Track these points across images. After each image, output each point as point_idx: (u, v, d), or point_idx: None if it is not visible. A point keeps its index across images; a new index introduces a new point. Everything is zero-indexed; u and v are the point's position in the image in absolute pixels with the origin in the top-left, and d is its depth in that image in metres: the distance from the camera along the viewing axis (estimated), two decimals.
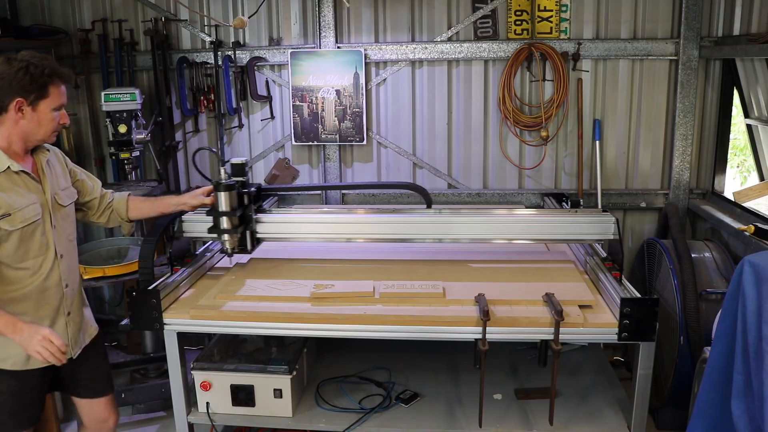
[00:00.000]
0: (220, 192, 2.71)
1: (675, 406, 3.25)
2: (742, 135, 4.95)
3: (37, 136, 2.20)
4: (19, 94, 2.08)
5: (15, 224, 2.14)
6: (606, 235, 2.83)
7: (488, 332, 2.32)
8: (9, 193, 2.14)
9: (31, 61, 2.09)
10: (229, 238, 2.79)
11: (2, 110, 2.10)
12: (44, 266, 2.26)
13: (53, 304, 2.32)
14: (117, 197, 2.63)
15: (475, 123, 4.07)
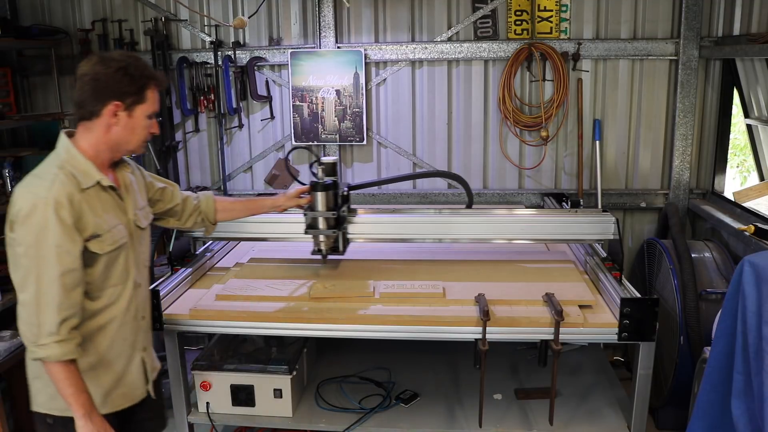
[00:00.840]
0: (318, 192, 2.65)
1: (675, 406, 3.25)
2: (742, 135, 4.95)
3: (128, 145, 1.96)
4: (117, 97, 1.86)
5: (104, 247, 1.88)
6: (606, 235, 2.83)
7: (488, 332, 2.32)
8: (98, 212, 1.89)
9: (130, 62, 1.89)
10: (326, 239, 2.72)
11: (94, 114, 1.86)
12: (123, 296, 1.99)
13: (129, 340, 2.04)
14: (203, 199, 2.44)
15: (475, 123, 4.07)
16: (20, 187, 1.83)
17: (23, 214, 1.76)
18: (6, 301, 3.67)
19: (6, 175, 3.80)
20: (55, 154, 1.89)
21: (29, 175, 1.87)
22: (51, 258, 1.75)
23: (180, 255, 2.97)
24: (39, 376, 1.92)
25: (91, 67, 1.86)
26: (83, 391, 1.83)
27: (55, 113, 4.13)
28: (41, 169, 1.87)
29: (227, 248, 3.35)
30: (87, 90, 1.85)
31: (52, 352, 1.76)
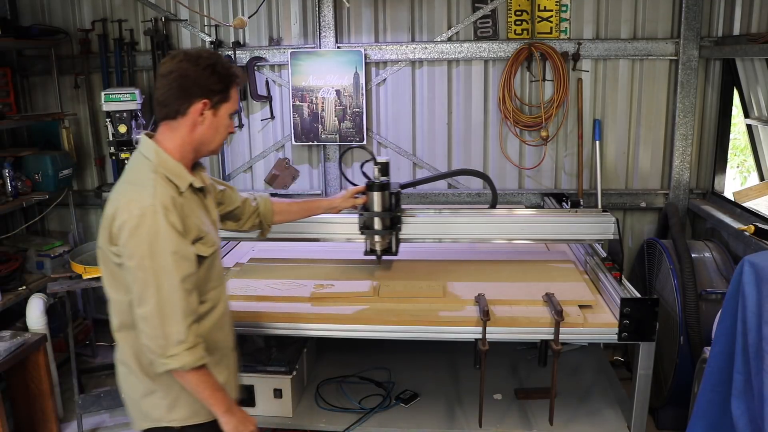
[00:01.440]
0: (374, 192, 2.61)
1: (675, 406, 3.24)
2: (742, 135, 4.95)
3: (210, 145, 1.89)
4: (204, 95, 1.79)
5: (207, 250, 1.84)
6: (606, 235, 2.83)
7: (488, 332, 2.32)
8: (196, 214, 1.84)
9: (216, 59, 1.82)
10: (381, 239, 2.70)
11: (179, 113, 1.79)
12: (222, 298, 1.95)
13: (227, 341, 2.00)
14: (261, 202, 2.38)
15: (475, 123, 4.07)
16: (119, 197, 1.76)
17: (131, 225, 1.68)
18: (6, 301, 3.68)
19: (6, 175, 3.80)
20: (143, 158, 1.82)
21: (124, 184, 1.81)
22: (169, 266, 1.70)
23: None
24: (152, 392, 1.86)
25: (177, 64, 1.78)
26: (219, 388, 1.82)
27: (55, 113, 4.13)
28: (135, 176, 1.80)
29: (227, 248, 3.35)
30: (173, 87, 1.78)
31: (185, 360, 1.71)
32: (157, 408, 1.87)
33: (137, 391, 1.89)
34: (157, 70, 4.09)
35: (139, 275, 1.70)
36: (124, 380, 1.93)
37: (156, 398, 1.86)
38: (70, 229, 4.49)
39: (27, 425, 3.43)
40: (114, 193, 1.80)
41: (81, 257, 3.63)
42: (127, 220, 1.69)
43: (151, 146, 1.82)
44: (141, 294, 1.70)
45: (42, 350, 3.33)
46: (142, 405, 1.90)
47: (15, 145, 4.39)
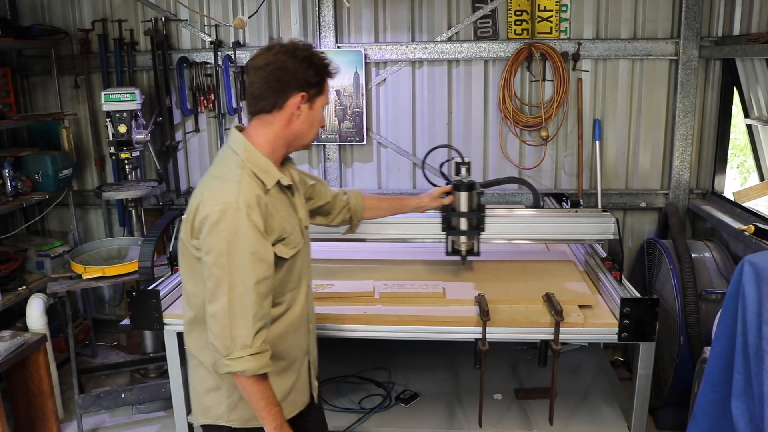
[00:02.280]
0: (462, 192, 2.56)
1: (675, 406, 3.25)
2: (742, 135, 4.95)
3: (304, 140, 1.85)
4: (302, 87, 1.75)
5: (288, 251, 1.80)
6: (606, 235, 2.83)
7: (488, 332, 2.32)
8: (281, 213, 1.79)
9: (313, 52, 1.77)
10: (467, 240, 2.65)
11: (276, 107, 1.75)
12: (298, 301, 1.90)
13: (302, 346, 1.96)
14: (352, 196, 2.34)
15: (475, 123, 4.07)
16: (204, 191, 1.72)
17: (212, 220, 1.66)
18: (6, 301, 3.68)
19: (6, 175, 3.80)
20: (232, 153, 1.78)
21: (210, 178, 1.77)
22: (245, 266, 1.66)
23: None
24: (217, 388, 1.84)
25: (274, 56, 1.73)
26: (275, 403, 1.76)
27: (55, 113, 4.14)
28: (221, 171, 1.76)
29: None
30: (270, 80, 1.73)
31: (248, 366, 1.67)
32: (219, 405, 1.86)
33: (203, 385, 1.88)
34: (157, 71, 4.11)
35: (215, 272, 1.67)
36: (191, 371, 1.92)
37: (219, 395, 1.85)
38: (70, 229, 4.49)
39: (27, 425, 3.43)
40: (199, 186, 1.77)
41: (81, 257, 3.63)
42: (209, 214, 1.66)
43: (240, 140, 1.78)
44: (213, 291, 1.68)
45: (42, 350, 3.33)
46: (205, 400, 1.88)
47: (15, 145, 4.39)
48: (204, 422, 1.91)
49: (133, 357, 4.29)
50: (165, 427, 3.59)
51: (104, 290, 4.60)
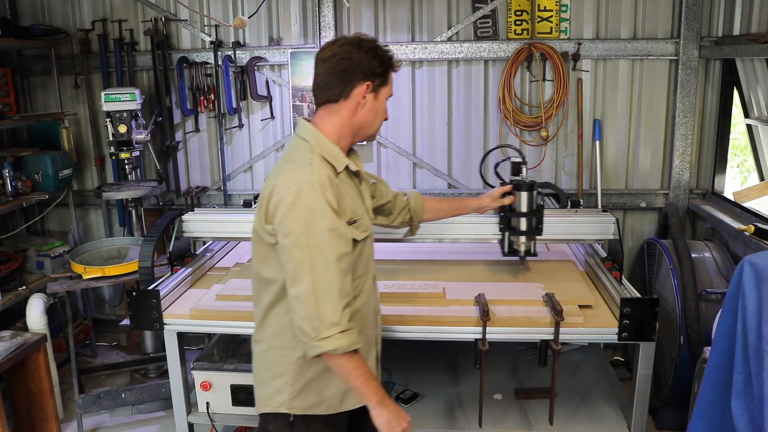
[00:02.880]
0: (523, 192, 2.53)
1: (675, 406, 3.25)
2: (742, 135, 4.95)
3: (369, 129, 1.91)
4: (367, 77, 1.80)
5: (359, 234, 1.82)
6: (606, 235, 2.82)
7: (488, 332, 2.32)
8: (352, 197, 1.84)
9: (376, 43, 1.83)
10: (526, 240, 2.62)
11: (342, 96, 1.82)
12: (365, 289, 1.91)
13: (370, 336, 1.96)
14: (412, 197, 2.35)
15: (475, 123, 4.07)
16: (276, 175, 1.76)
17: (288, 202, 1.68)
18: (6, 301, 3.68)
19: (6, 175, 3.80)
20: (301, 140, 1.83)
21: (282, 163, 1.82)
22: (325, 243, 1.67)
23: (180, 255, 2.97)
24: (281, 375, 1.86)
25: (339, 47, 1.80)
26: (373, 377, 1.77)
27: (55, 113, 4.14)
28: (292, 156, 1.81)
29: (227, 248, 3.35)
30: (337, 70, 1.79)
31: (339, 343, 1.67)
32: (282, 393, 1.86)
33: (267, 372, 1.89)
34: (157, 71, 4.12)
35: (295, 253, 1.68)
36: (257, 359, 1.93)
37: (282, 382, 1.86)
38: (70, 229, 4.49)
39: (27, 425, 3.43)
40: (272, 173, 1.81)
41: (81, 257, 3.63)
42: (284, 197, 1.69)
43: (309, 128, 1.84)
44: (295, 273, 1.69)
45: (42, 350, 3.33)
46: (268, 387, 1.89)
47: (15, 145, 4.39)
48: (265, 410, 1.91)
49: (133, 357, 4.29)
50: (165, 427, 3.59)
51: (104, 290, 4.60)
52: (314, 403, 1.86)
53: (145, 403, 3.63)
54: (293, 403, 1.86)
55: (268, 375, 1.89)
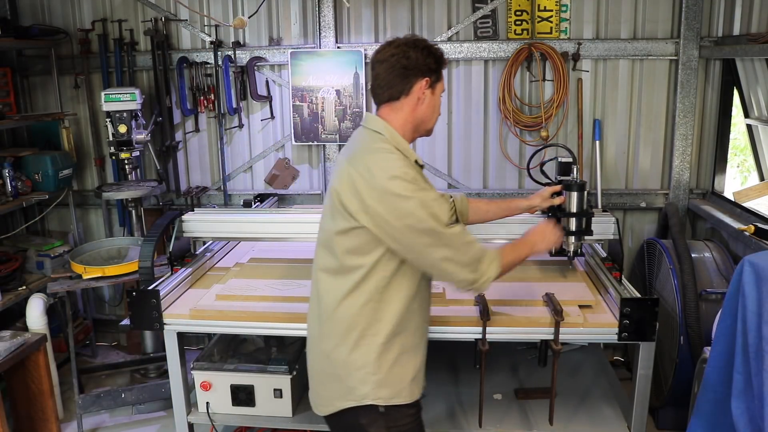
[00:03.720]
0: (574, 192, 2.49)
1: (675, 406, 3.25)
2: (742, 135, 4.95)
3: (428, 124, 2.00)
4: (425, 74, 1.91)
5: None
6: (606, 235, 2.83)
7: (488, 332, 2.32)
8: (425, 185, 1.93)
9: (429, 43, 1.94)
10: (576, 241, 2.57)
11: (403, 93, 1.91)
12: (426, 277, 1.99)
13: (428, 322, 2.06)
14: (458, 199, 2.38)
15: (475, 123, 4.07)
16: (369, 166, 1.82)
17: (393, 188, 1.78)
18: (6, 301, 3.68)
19: (6, 175, 3.80)
20: (372, 132, 1.92)
21: (365, 155, 1.87)
22: (438, 211, 1.81)
23: (180, 255, 2.97)
24: (363, 366, 1.88)
25: (397, 48, 1.89)
26: (519, 246, 2.07)
27: (55, 113, 4.14)
28: (372, 147, 1.89)
29: (227, 248, 3.35)
30: (396, 68, 1.88)
31: (495, 264, 1.90)
32: (366, 384, 1.89)
33: (347, 365, 1.90)
34: (157, 71, 4.11)
35: (422, 227, 1.79)
36: (324, 358, 1.93)
37: (365, 373, 1.88)
38: (70, 229, 4.49)
39: (27, 425, 3.43)
40: (347, 164, 1.86)
41: (81, 257, 3.63)
42: (387, 185, 1.78)
43: (381, 123, 1.92)
44: (433, 242, 1.81)
45: (42, 350, 3.33)
46: (349, 380, 1.90)
47: (15, 145, 4.39)
48: (345, 405, 1.92)
49: (133, 357, 4.29)
50: (165, 427, 3.59)
51: (104, 290, 4.60)
52: (396, 391, 1.91)
53: (145, 403, 3.63)
54: (379, 393, 1.89)
55: (349, 368, 1.89)
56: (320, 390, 2.00)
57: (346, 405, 1.92)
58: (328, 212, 1.93)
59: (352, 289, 1.87)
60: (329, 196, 1.92)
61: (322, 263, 1.96)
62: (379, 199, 1.79)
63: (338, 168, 1.93)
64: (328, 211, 1.92)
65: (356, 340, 1.88)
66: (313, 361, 2.01)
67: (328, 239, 1.91)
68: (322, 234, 1.98)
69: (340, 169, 1.91)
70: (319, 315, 1.95)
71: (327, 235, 1.93)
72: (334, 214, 1.88)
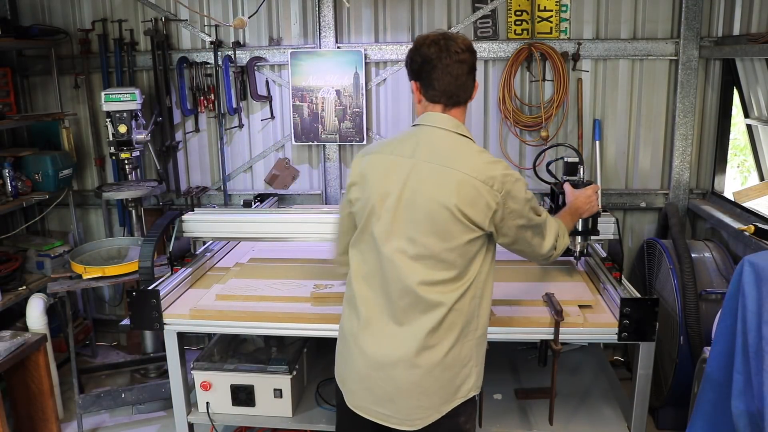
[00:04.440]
0: None
1: (675, 406, 3.25)
2: (742, 135, 4.95)
3: None
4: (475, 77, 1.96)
5: None
6: (606, 234, 2.83)
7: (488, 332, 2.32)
8: None
9: None
10: (582, 241, 2.58)
11: (469, 97, 1.91)
12: None
13: None
14: None
15: (475, 123, 4.07)
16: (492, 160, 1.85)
17: (520, 188, 1.84)
18: (6, 301, 3.68)
19: (6, 175, 3.80)
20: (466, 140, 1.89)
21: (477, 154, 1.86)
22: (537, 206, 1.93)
23: (180, 255, 2.97)
24: (467, 361, 1.88)
25: (468, 45, 1.87)
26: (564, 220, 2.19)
27: (55, 113, 4.14)
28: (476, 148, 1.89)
29: (227, 248, 3.35)
30: (470, 70, 1.87)
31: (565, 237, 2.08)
32: (470, 377, 1.89)
33: (451, 371, 1.85)
34: (157, 71, 4.11)
35: (538, 220, 1.92)
36: (434, 368, 1.84)
37: (470, 368, 1.89)
38: (70, 229, 4.49)
39: (27, 425, 3.43)
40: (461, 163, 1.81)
41: (81, 257, 3.63)
42: (510, 186, 1.82)
43: (464, 128, 1.91)
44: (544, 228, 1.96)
45: (42, 350, 3.33)
46: (453, 383, 1.86)
47: (15, 145, 4.39)
48: (453, 406, 1.88)
49: (133, 357, 4.29)
50: (165, 427, 3.59)
51: (104, 290, 4.60)
52: (482, 378, 1.96)
53: (145, 403, 3.63)
54: (478, 381, 1.93)
55: (454, 372, 1.86)
56: (419, 403, 1.86)
57: (454, 405, 1.87)
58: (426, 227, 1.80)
59: (462, 295, 1.83)
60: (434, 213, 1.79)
61: (419, 278, 1.81)
62: (516, 199, 1.83)
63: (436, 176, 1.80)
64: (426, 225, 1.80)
65: (458, 341, 1.85)
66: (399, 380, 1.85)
67: (433, 255, 1.81)
68: (413, 248, 1.82)
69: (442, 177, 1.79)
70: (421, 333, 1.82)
71: (430, 252, 1.81)
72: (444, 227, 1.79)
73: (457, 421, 1.90)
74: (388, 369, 1.84)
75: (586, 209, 2.34)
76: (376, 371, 1.85)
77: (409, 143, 1.87)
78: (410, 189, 1.80)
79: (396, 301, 1.83)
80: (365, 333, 1.88)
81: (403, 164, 1.83)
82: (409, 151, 1.84)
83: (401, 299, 1.82)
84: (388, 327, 1.85)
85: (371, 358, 1.86)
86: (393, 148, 1.89)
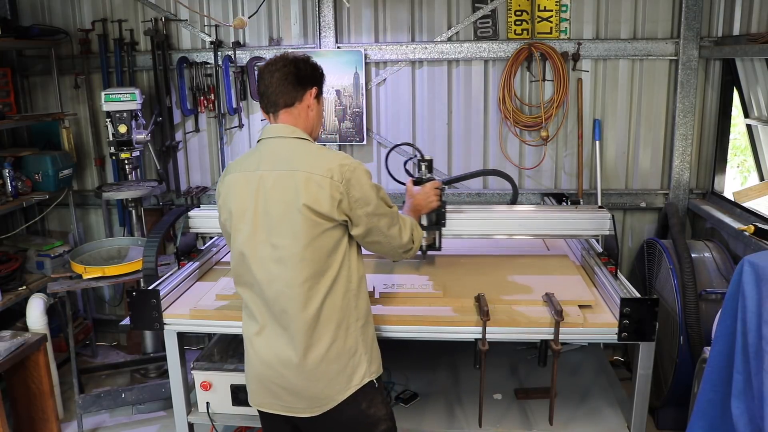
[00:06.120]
0: None
1: (675, 406, 3.25)
2: (742, 135, 4.95)
3: (316, 131, 2.15)
4: (313, 83, 2.11)
5: None
6: (602, 230, 2.82)
7: (488, 332, 2.32)
8: None
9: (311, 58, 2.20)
10: (427, 235, 2.68)
11: (296, 99, 2.06)
12: None
13: None
14: None
15: (475, 123, 4.07)
16: (330, 154, 1.96)
17: (357, 178, 1.92)
18: (6, 301, 3.68)
19: (6, 175, 3.80)
20: (299, 140, 2.00)
21: (309, 155, 1.95)
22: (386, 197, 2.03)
23: (187, 250, 2.98)
24: (354, 351, 2.00)
25: (290, 62, 2.08)
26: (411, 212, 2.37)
27: (55, 113, 4.14)
28: (314, 149, 1.99)
29: (227, 248, 3.35)
30: (282, 79, 2.03)
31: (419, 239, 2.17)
32: (361, 365, 2.01)
33: (339, 362, 1.98)
34: (157, 71, 4.11)
35: (382, 210, 1.98)
36: (321, 361, 1.96)
37: (359, 357, 2.01)
38: (70, 229, 4.49)
39: (27, 425, 3.43)
40: (301, 163, 1.92)
41: (81, 257, 3.63)
42: (351, 172, 1.92)
43: (297, 131, 2.03)
44: (396, 226, 2.04)
45: (42, 350, 3.33)
46: (345, 373, 1.99)
47: (15, 145, 4.39)
48: (348, 394, 2.00)
49: (133, 357, 4.29)
50: (165, 427, 3.59)
51: (104, 290, 4.60)
52: (378, 363, 2.09)
53: (145, 403, 3.63)
54: (371, 368, 2.04)
55: (341, 364, 1.98)
56: (313, 395, 1.98)
57: (351, 392, 1.99)
58: (283, 230, 1.90)
59: (330, 286, 1.94)
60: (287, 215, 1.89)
61: (286, 280, 1.92)
62: (358, 186, 1.91)
63: (281, 182, 1.91)
64: (282, 228, 1.90)
65: (343, 332, 1.97)
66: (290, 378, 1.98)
67: (294, 255, 1.90)
68: (276, 252, 1.93)
69: (287, 181, 1.90)
70: (302, 326, 1.93)
71: (290, 253, 1.90)
72: (299, 227, 1.88)
73: (359, 408, 2.01)
74: (278, 368, 1.98)
75: (424, 205, 2.47)
76: (269, 370, 2.01)
77: (253, 158, 2.01)
78: (262, 199, 1.93)
79: (273, 306, 1.96)
80: (258, 337, 2.02)
81: (250, 178, 1.96)
82: (254, 165, 1.98)
83: (276, 304, 1.95)
84: (274, 330, 1.99)
85: (264, 359, 2.01)
86: (241, 166, 2.03)
